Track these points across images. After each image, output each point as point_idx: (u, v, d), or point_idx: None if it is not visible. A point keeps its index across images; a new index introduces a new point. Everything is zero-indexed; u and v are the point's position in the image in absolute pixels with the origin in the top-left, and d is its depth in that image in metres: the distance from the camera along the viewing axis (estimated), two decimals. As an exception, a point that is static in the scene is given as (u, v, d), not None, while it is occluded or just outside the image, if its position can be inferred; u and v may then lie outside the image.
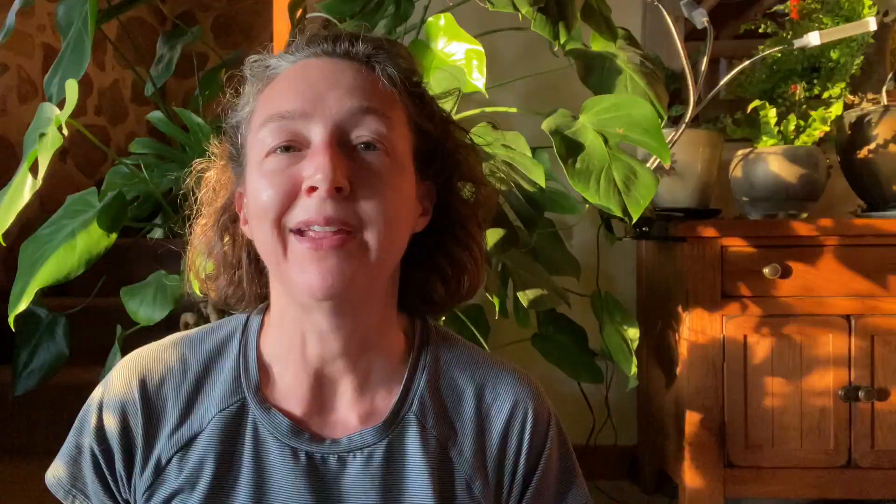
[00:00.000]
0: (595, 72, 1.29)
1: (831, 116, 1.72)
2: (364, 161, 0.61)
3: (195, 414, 0.67)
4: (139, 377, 0.68)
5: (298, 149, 0.62)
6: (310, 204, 0.59)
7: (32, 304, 1.16)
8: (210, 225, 0.73)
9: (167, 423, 0.67)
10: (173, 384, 0.68)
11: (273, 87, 0.65)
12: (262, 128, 0.63)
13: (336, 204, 0.59)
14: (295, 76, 0.65)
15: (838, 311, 1.63)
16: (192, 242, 0.75)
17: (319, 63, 0.65)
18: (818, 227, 1.62)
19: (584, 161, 1.09)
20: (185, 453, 0.66)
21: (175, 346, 0.71)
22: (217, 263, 0.73)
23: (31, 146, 1.10)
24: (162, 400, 0.68)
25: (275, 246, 0.62)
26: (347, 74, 0.64)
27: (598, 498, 2.02)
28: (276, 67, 0.66)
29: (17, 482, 1.93)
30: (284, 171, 0.61)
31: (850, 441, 1.63)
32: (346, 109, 0.61)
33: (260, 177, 0.62)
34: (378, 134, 0.62)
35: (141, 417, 0.67)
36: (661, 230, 1.79)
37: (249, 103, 0.68)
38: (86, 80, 2.98)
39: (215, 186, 0.73)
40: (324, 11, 1.29)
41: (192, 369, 0.69)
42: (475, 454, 0.68)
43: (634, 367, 1.43)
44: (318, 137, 0.61)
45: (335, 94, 0.62)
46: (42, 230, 1.19)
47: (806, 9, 1.89)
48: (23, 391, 1.41)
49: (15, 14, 1.34)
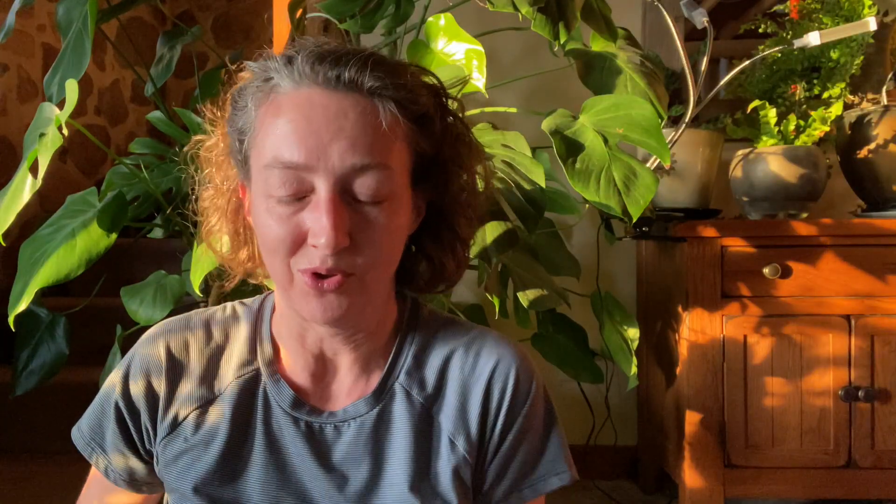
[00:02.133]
0: (595, 72, 1.29)
1: (831, 116, 1.72)
2: (366, 213, 0.65)
3: (214, 378, 0.74)
4: (165, 341, 0.76)
5: (304, 196, 0.64)
6: (313, 255, 0.64)
7: (32, 304, 1.16)
8: (221, 203, 0.75)
9: (188, 382, 0.74)
10: (196, 349, 0.75)
11: (277, 114, 0.65)
12: (267, 169, 0.65)
13: (337, 257, 0.63)
14: (299, 114, 0.64)
15: (838, 311, 1.63)
16: (205, 214, 0.78)
17: (322, 99, 0.64)
18: (818, 226, 1.62)
19: (583, 161, 1.09)
20: (203, 413, 0.73)
21: (199, 316, 0.78)
22: (231, 239, 0.77)
23: (31, 146, 1.10)
24: (185, 361, 0.75)
25: (282, 276, 0.67)
26: (350, 117, 0.64)
27: (599, 498, 2.02)
28: (277, 83, 0.66)
29: (17, 482, 1.93)
30: (291, 219, 0.64)
31: (850, 441, 1.63)
32: (348, 165, 0.63)
33: (269, 216, 0.65)
34: (381, 190, 0.64)
35: (165, 377, 0.74)
36: (661, 230, 1.79)
37: (252, 118, 0.68)
38: (86, 80, 2.98)
39: (218, 164, 0.75)
40: (324, 11, 1.29)
41: (214, 338, 0.76)
42: (459, 413, 0.73)
43: (634, 367, 1.43)
44: (323, 192, 0.63)
45: (338, 146, 0.63)
46: (42, 230, 1.19)
47: (806, 9, 1.89)
48: (23, 391, 1.41)
49: (15, 14, 1.34)
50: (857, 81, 1.91)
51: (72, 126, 1.12)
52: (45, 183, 1.08)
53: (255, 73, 0.68)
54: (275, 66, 0.66)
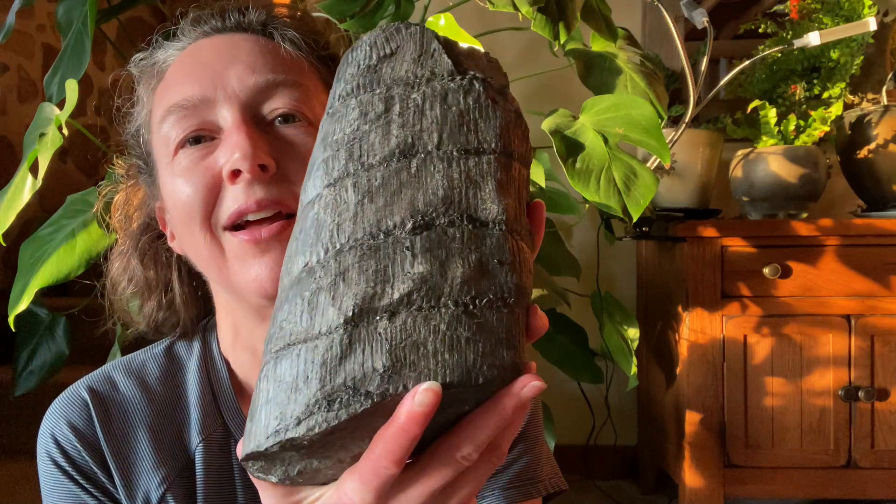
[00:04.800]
0: (595, 72, 1.29)
1: (831, 116, 1.72)
2: (286, 137, 0.55)
3: (174, 444, 0.62)
4: (92, 414, 0.62)
5: (210, 137, 0.56)
6: (237, 191, 0.53)
7: (32, 304, 1.16)
8: (129, 251, 0.66)
9: (140, 458, 0.61)
10: (139, 415, 0.62)
11: (166, 80, 0.59)
12: (163, 123, 0.56)
13: (265, 185, 0.53)
14: (186, 61, 0.58)
15: (838, 311, 1.63)
16: (110, 267, 0.68)
17: (211, 41, 0.58)
18: (818, 227, 1.62)
19: (584, 161, 1.09)
20: (178, 487, 0.61)
21: (119, 373, 0.65)
22: (140, 289, 0.66)
23: (31, 146, 1.10)
24: (126, 434, 0.62)
25: (210, 249, 0.56)
26: (244, 47, 0.57)
27: (599, 498, 2.02)
28: (165, 59, 0.60)
29: (17, 482, 1.93)
30: (199, 164, 0.55)
31: (850, 441, 1.63)
32: (250, 86, 0.55)
33: (174, 177, 0.56)
34: (294, 103, 0.56)
35: (111, 455, 0.61)
36: (661, 230, 1.79)
37: (145, 104, 0.61)
38: (86, 80, 2.98)
39: (127, 210, 0.67)
40: (324, 11, 1.29)
41: (157, 395, 0.63)
42: None
43: (634, 367, 1.43)
44: (229, 118, 0.54)
45: (234, 70, 0.55)
46: (42, 230, 1.19)
47: (806, 9, 1.89)
48: (23, 391, 1.41)
49: (15, 14, 1.34)
50: (857, 81, 1.91)
51: (72, 126, 1.12)
52: (45, 183, 1.08)
53: (143, 64, 0.63)
54: (159, 45, 0.62)
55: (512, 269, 0.36)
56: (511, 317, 0.36)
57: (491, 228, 0.36)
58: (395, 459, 0.34)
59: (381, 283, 0.35)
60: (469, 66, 0.40)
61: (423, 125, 0.38)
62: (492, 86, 0.40)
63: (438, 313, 0.34)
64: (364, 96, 0.39)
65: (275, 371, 0.36)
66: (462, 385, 0.34)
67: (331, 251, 0.36)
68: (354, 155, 0.38)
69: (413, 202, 0.36)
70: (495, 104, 0.39)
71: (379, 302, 0.35)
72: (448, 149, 0.37)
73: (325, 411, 0.33)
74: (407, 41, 0.40)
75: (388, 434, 0.34)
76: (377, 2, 1.32)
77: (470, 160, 0.37)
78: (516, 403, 0.34)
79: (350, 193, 0.37)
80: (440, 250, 0.35)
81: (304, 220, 0.39)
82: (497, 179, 0.37)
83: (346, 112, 0.39)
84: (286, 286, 0.38)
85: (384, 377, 0.33)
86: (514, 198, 0.38)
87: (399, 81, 0.39)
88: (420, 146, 0.37)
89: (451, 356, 0.34)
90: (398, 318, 0.34)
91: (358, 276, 0.35)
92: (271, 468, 0.37)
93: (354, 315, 0.34)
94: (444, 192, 0.36)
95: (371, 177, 0.37)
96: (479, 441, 0.35)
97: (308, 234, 0.38)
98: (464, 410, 0.36)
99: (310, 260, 0.37)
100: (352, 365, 0.34)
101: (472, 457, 0.35)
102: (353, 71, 0.40)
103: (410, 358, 0.34)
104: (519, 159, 0.40)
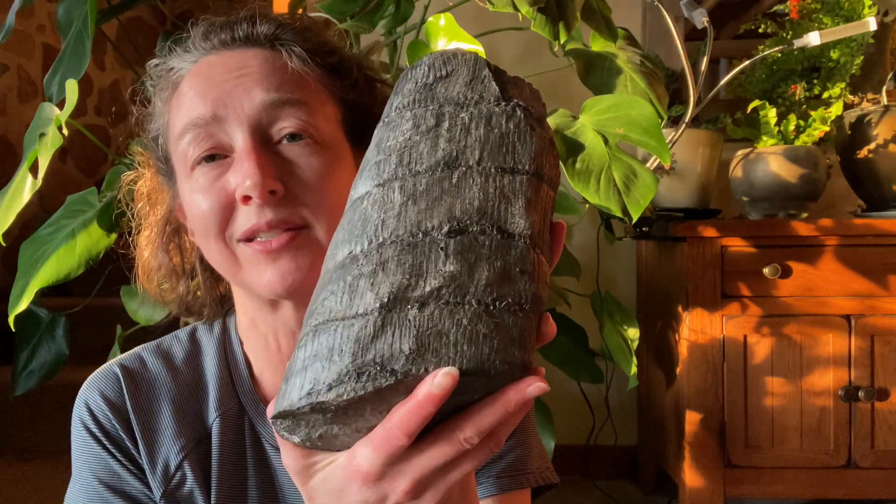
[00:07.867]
0: (595, 72, 1.29)
1: (831, 116, 1.72)
2: (293, 156, 0.59)
3: (194, 417, 0.68)
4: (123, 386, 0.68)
5: (224, 155, 0.60)
6: (249, 212, 0.58)
7: (32, 304, 1.16)
8: (154, 237, 0.71)
9: (163, 428, 0.67)
10: (164, 390, 0.68)
11: (180, 93, 0.62)
12: (180, 140, 0.61)
13: (274, 208, 0.58)
14: (198, 77, 0.61)
15: (838, 311, 1.63)
16: (140, 255, 0.73)
17: (220, 58, 0.62)
18: (818, 227, 1.62)
19: (584, 161, 1.09)
20: (195, 456, 0.67)
21: (148, 353, 0.71)
22: (169, 275, 0.71)
23: (31, 146, 1.11)
24: (152, 406, 0.67)
25: (225, 256, 0.61)
26: (252, 64, 0.60)
27: (599, 498, 2.02)
28: (179, 69, 0.64)
29: (17, 482, 1.93)
30: (214, 184, 0.59)
31: (850, 441, 1.63)
32: (258, 105, 0.59)
33: (192, 192, 0.61)
34: (300, 123, 0.59)
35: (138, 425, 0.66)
36: (661, 230, 1.79)
37: (162, 113, 0.65)
38: (86, 80, 2.98)
39: (150, 196, 0.71)
40: (324, 11, 1.29)
41: (181, 373, 0.69)
42: None
43: (634, 367, 1.43)
44: (240, 141, 0.59)
45: (243, 89, 0.59)
46: (42, 230, 1.19)
47: (806, 9, 1.89)
48: (23, 391, 1.41)
49: (15, 14, 1.34)
50: (857, 81, 1.91)
51: (72, 126, 1.12)
52: (45, 183, 1.08)
53: (158, 71, 0.66)
54: (173, 55, 0.64)
55: (531, 278, 0.40)
56: (525, 321, 0.40)
57: (517, 240, 0.41)
58: (407, 432, 0.38)
59: (415, 277, 0.39)
60: (514, 94, 0.44)
61: (467, 142, 0.42)
62: (532, 114, 0.44)
63: (462, 309, 0.38)
64: (418, 110, 0.44)
65: (313, 342, 0.40)
66: (476, 374, 0.38)
67: (374, 243, 0.41)
68: (404, 161, 0.42)
69: (451, 209, 0.41)
70: (533, 131, 0.44)
71: (412, 293, 0.39)
72: (487, 165, 0.42)
73: (354, 382, 0.37)
74: (461, 66, 0.45)
75: (405, 408, 0.38)
76: (377, 2, 1.32)
77: (505, 178, 0.42)
78: (520, 399, 0.38)
79: (396, 194, 0.41)
80: (470, 254, 0.40)
81: (353, 212, 0.43)
82: (527, 198, 0.42)
83: (400, 122, 0.44)
84: (330, 269, 0.42)
85: (409, 358, 0.37)
86: (540, 216, 0.43)
87: (451, 101, 0.44)
88: (463, 160, 0.42)
89: (469, 348, 0.38)
90: (427, 308, 0.38)
91: (396, 267, 0.39)
92: (296, 429, 0.41)
93: (389, 301, 0.38)
94: (480, 203, 0.41)
95: (417, 182, 0.42)
96: (482, 427, 0.39)
97: (355, 226, 0.42)
98: (472, 399, 0.39)
99: (354, 248, 0.41)
100: (382, 345, 0.38)
101: (473, 440, 0.39)
102: (412, 87, 0.45)
103: (434, 345, 0.38)
104: (548, 182, 0.44)
